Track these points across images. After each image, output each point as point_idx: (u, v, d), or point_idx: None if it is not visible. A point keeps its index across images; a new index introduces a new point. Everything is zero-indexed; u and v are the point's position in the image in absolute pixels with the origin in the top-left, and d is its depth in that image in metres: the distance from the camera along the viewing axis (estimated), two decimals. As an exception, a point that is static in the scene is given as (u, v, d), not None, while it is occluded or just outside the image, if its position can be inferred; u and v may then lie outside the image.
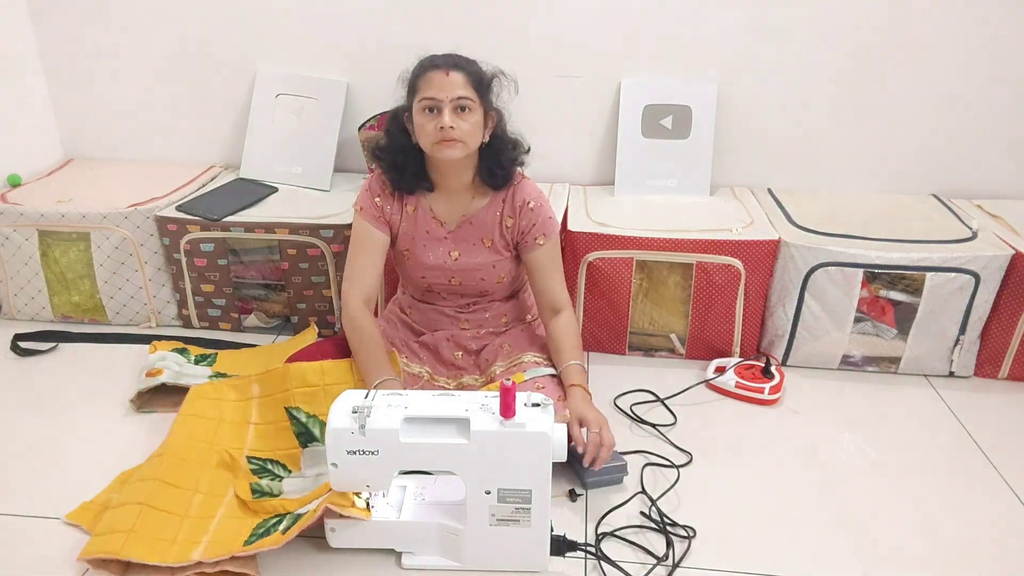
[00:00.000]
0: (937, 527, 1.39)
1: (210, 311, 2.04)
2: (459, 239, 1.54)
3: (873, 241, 1.81)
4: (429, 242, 1.54)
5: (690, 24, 2.03)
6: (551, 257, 1.56)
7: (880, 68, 2.03)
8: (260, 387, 1.58)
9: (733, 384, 1.77)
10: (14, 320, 2.09)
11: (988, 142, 2.08)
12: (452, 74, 1.40)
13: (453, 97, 1.39)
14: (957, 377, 1.88)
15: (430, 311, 1.63)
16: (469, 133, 1.42)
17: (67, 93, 2.30)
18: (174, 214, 1.96)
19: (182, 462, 1.44)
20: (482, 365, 1.58)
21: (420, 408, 1.19)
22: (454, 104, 1.40)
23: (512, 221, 1.53)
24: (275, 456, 1.49)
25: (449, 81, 1.40)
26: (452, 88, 1.39)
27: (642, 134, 2.11)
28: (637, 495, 1.45)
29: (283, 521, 1.29)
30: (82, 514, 1.37)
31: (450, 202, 1.54)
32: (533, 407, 1.19)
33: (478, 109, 1.43)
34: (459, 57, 1.45)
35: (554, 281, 1.56)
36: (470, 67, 1.43)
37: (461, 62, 1.43)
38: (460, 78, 1.40)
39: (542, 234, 1.53)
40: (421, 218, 1.54)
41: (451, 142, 1.41)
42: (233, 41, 2.18)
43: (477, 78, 1.43)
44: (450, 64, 1.41)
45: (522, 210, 1.52)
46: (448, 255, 1.54)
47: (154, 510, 1.32)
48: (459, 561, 1.27)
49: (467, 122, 1.41)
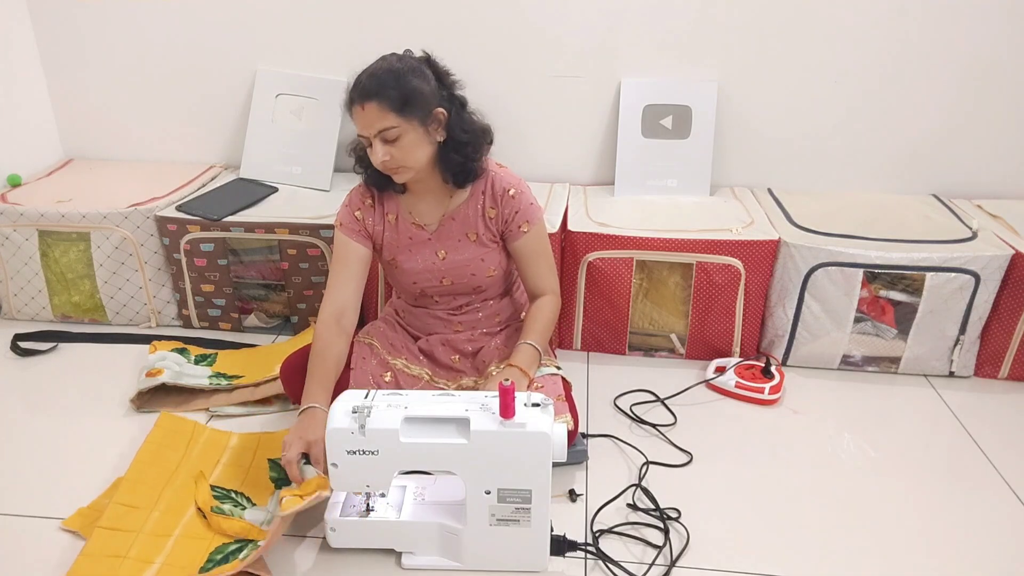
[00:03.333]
0: (937, 527, 1.39)
1: (210, 311, 2.04)
2: (443, 238, 1.53)
3: (873, 241, 1.81)
4: (414, 247, 1.53)
5: (690, 24, 2.03)
6: (536, 244, 1.53)
7: (880, 68, 2.03)
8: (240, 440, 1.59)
9: (733, 384, 1.77)
10: (14, 320, 2.10)
11: (988, 142, 2.08)
12: (367, 106, 1.34)
13: (375, 132, 1.35)
14: (957, 377, 1.88)
15: (423, 315, 1.63)
16: (406, 157, 1.38)
17: (67, 93, 2.30)
18: (174, 214, 1.96)
19: (139, 483, 1.42)
20: (479, 367, 1.58)
21: (420, 408, 1.19)
22: (380, 137, 1.35)
23: (495, 211, 1.51)
24: (241, 489, 1.45)
25: (366, 116, 1.34)
26: (371, 123, 1.34)
27: (642, 134, 2.11)
28: (630, 488, 1.46)
29: (244, 549, 1.27)
30: (78, 520, 1.36)
31: (428, 203, 1.53)
32: (533, 407, 1.19)
33: (409, 129, 1.36)
34: (372, 80, 1.35)
35: (541, 268, 1.54)
36: (386, 91, 1.33)
37: (372, 88, 1.34)
38: (375, 109, 1.33)
39: (525, 221, 1.50)
40: (402, 225, 1.53)
41: (392, 170, 1.39)
42: (233, 41, 2.18)
43: (398, 100, 1.33)
44: (364, 96, 1.34)
45: (503, 199, 1.49)
46: (435, 255, 1.53)
47: (105, 530, 1.30)
48: (459, 561, 1.27)
49: (399, 148, 1.36)
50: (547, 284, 1.56)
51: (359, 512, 1.27)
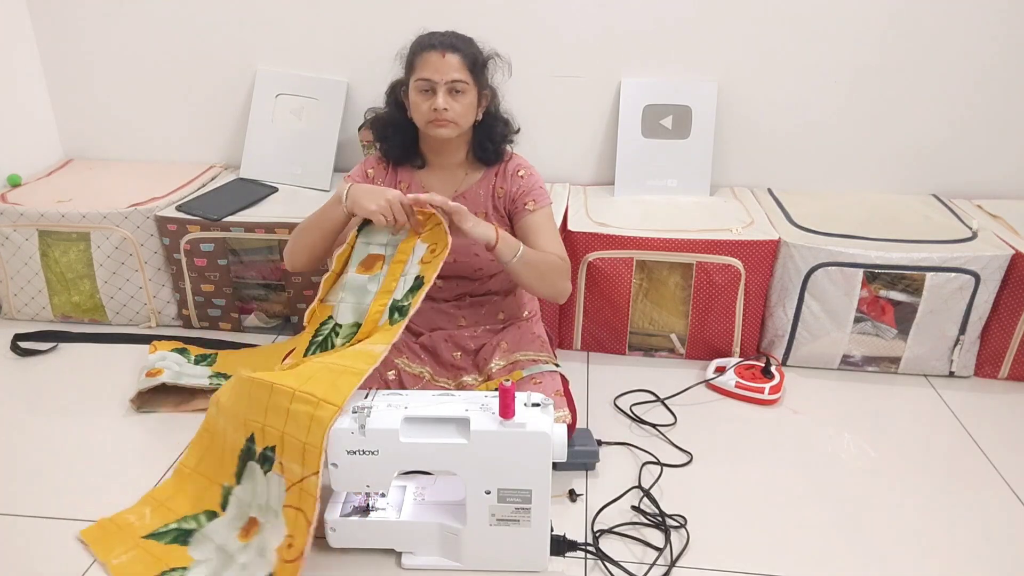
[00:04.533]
0: (937, 527, 1.39)
1: (210, 311, 2.04)
2: None
3: (873, 241, 1.81)
4: None
5: (690, 24, 2.03)
6: (542, 223, 1.54)
7: (880, 68, 2.03)
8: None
9: (733, 384, 1.77)
10: (14, 320, 2.10)
11: (988, 142, 2.08)
12: (448, 56, 1.43)
13: (448, 80, 1.43)
14: (957, 377, 1.88)
15: (427, 309, 1.63)
16: (462, 114, 1.46)
17: (67, 93, 2.30)
18: (174, 214, 1.96)
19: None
20: (480, 364, 1.58)
21: (420, 408, 1.19)
22: (448, 86, 1.43)
23: (504, 190, 1.56)
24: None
25: (445, 63, 1.42)
26: (447, 70, 1.42)
27: (642, 134, 2.11)
28: (631, 490, 1.46)
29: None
30: (97, 531, 1.32)
31: (443, 179, 1.57)
32: (533, 407, 1.19)
33: (472, 90, 1.46)
34: (456, 37, 1.47)
35: (548, 240, 1.52)
36: (466, 48, 1.46)
37: (458, 43, 1.45)
38: (456, 60, 1.43)
39: (532, 200, 1.54)
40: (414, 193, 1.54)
41: (444, 122, 1.45)
42: (233, 41, 2.18)
43: (472, 60, 1.46)
44: (447, 46, 1.43)
45: (513, 177, 1.56)
46: None
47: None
48: (459, 561, 1.27)
49: (460, 104, 1.45)
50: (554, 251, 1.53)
51: (359, 511, 1.28)
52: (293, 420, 1.17)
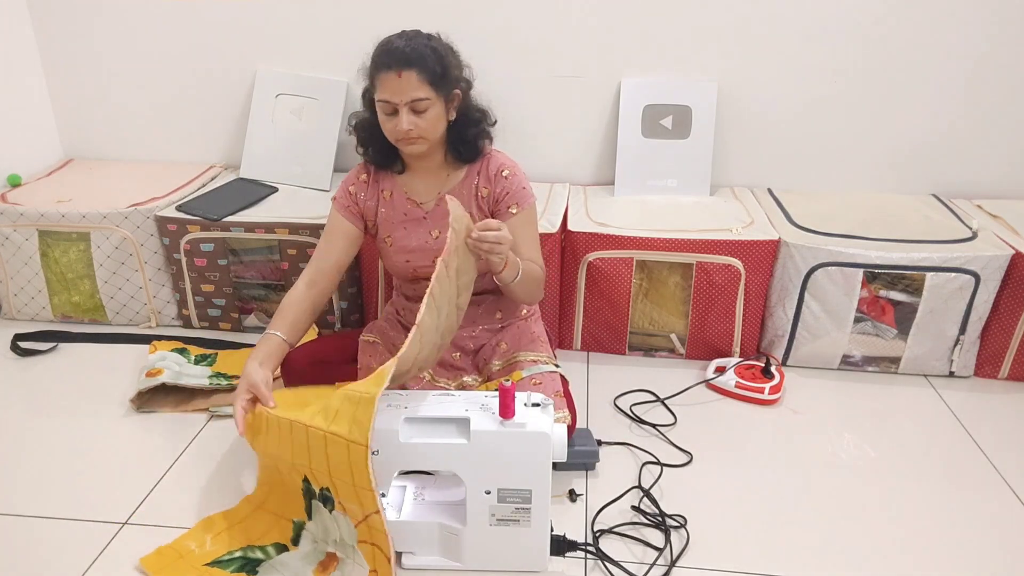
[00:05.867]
0: (937, 527, 1.39)
1: (210, 311, 2.04)
2: (438, 217, 1.53)
3: (873, 241, 1.81)
4: (409, 224, 1.54)
5: (690, 24, 2.03)
6: (524, 228, 1.50)
7: (880, 68, 2.03)
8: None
9: (733, 384, 1.77)
10: (14, 320, 2.10)
11: (988, 142, 2.08)
12: (405, 74, 1.35)
13: (407, 100, 1.36)
14: (957, 377, 1.88)
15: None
16: (430, 129, 1.40)
17: (67, 93, 2.30)
18: (174, 214, 1.96)
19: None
20: (479, 364, 1.58)
21: (420, 408, 1.19)
22: (410, 106, 1.37)
23: (487, 190, 1.51)
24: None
25: (402, 83, 1.35)
26: (405, 91, 1.35)
27: (642, 134, 2.11)
28: (631, 490, 1.46)
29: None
30: (156, 560, 1.27)
31: (425, 181, 1.54)
32: (533, 407, 1.19)
33: (437, 102, 1.39)
34: (412, 50, 1.36)
35: (527, 248, 1.49)
36: (423, 61, 1.36)
37: (413, 57, 1.35)
38: (413, 78, 1.35)
39: (515, 203, 1.49)
40: (398, 201, 1.53)
41: (412, 140, 1.41)
42: (233, 41, 2.18)
43: (431, 72, 1.37)
44: (402, 63, 1.35)
45: (496, 178, 1.51)
46: (429, 235, 1.53)
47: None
48: (459, 561, 1.27)
49: (426, 119, 1.39)
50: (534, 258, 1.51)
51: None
52: (335, 465, 1.16)
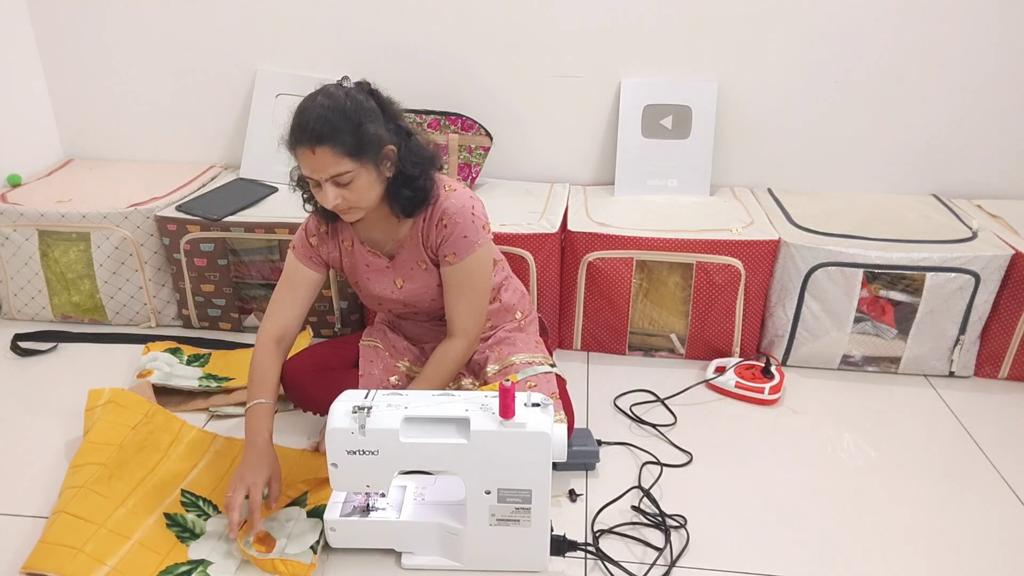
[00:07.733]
0: (937, 527, 1.39)
1: (210, 311, 2.04)
2: (399, 266, 1.48)
3: (873, 241, 1.81)
4: (372, 274, 1.50)
5: (690, 24, 2.03)
6: (459, 278, 1.43)
7: (880, 68, 2.03)
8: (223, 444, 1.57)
9: (733, 384, 1.77)
10: (14, 320, 2.10)
11: (988, 142, 2.08)
12: (318, 151, 1.24)
13: (327, 177, 1.27)
14: (957, 377, 1.88)
15: (410, 326, 1.62)
16: (359, 199, 1.31)
17: (67, 93, 2.30)
18: (174, 214, 1.96)
19: (115, 477, 1.40)
20: (475, 370, 1.58)
21: (420, 408, 1.19)
22: (332, 181, 1.28)
23: (430, 239, 1.43)
24: (211, 497, 1.42)
25: (317, 161, 1.25)
26: (323, 168, 1.26)
27: (642, 134, 2.11)
28: (631, 490, 1.46)
29: (195, 571, 1.25)
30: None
31: (381, 231, 1.46)
32: (533, 407, 1.19)
33: (361, 171, 1.28)
34: (323, 123, 1.24)
35: (460, 304, 1.45)
36: (335, 137, 1.24)
37: (325, 133, 1.24)
38: (328, 154, 1.24)
39: (452, 253, 1.41)
40: (358, 252, 1.49)
41: (344, 211, 1.34)
42: (233, 41, 2.18)
43: (347, 144, 1.25)
44: (313, 139, 1.24)
45: (437, 227, 1.41)
46: (393, 284, 1.50)
47: (69, 516, 1.28)
48: (459, 561, 1.27)
49: (352, 191, 1.29)
50: (461, 324, 1.46)
51: (359, 511, 1.28)
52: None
